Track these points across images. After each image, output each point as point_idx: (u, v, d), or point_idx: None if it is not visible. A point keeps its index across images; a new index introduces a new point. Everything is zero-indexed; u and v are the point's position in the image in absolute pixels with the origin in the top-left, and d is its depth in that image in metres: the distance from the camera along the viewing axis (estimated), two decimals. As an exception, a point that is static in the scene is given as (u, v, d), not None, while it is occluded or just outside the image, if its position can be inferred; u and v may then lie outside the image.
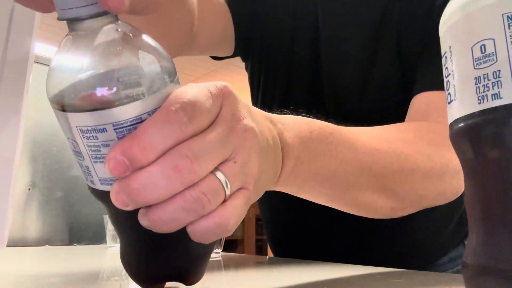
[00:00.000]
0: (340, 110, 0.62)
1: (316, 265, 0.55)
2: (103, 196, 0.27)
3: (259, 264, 0.64)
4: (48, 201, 1.15)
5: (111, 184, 0.26)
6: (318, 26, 0.66)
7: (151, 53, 0.26)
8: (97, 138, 0.25)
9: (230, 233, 0.28)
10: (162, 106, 0.25)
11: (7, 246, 0.29)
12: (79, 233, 1.18)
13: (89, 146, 0.25)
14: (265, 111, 0.36)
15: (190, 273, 0.30)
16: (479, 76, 0.19)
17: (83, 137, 0.25)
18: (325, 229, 0.64)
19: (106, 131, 0.25)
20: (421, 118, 0.51)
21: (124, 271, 0.48)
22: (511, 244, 0.18)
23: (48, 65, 0.26)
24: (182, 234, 0.26)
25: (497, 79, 0.19)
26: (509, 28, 0.18)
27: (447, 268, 0.64)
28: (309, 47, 0.66)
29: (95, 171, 0.26)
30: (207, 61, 3.76)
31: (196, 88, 0.27)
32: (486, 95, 0.19)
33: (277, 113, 0.38)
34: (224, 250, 0.77)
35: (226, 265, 0.58)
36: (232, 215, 0.27)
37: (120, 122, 0.25)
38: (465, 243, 0.66)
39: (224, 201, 0.27)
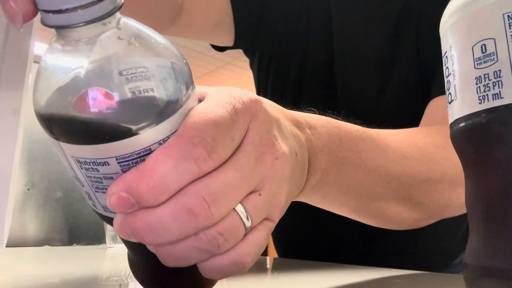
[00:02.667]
0: (355, 114, 0.60)
1: (319, 266, 0.55)
2: (107, 220, 0.24)
3: (259, 265, 0.64)
4: (47, 201, 1.15)
5: (115, 212, 0.22)
6: (331, 29, 0.64)
7: (163, 66, 0.21)
8: (98, 171, 0.21)
9: (246, 270, 0.24)
10: (177, 136, 0.21)
11: (6, 246, 0.29)
12: (79, 233, 1.18)
13: (88, 176, 0.22)
14: None
15: (203, 283, 0.28)
16: (480, 76, 0.19)
17: (81, 168, 0.22)
18: (335, 230, 0.63)
19: (108, 164, 0.21)
20: (439, 122, 0.49)
21: (123, 272, 0.48)
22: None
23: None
24: None
25: (498, 79, 0.19)
26: (509, 28, 0.18)
27: (459, 270, 0.63)
28: (322, 50, 0.64)
29: (97, 199, 0.23)
30: (207, 61, 3.76)
31: (218, 105, 0.23)
32: (487, 95, 0.19)
33: (304, 112, 0.35)
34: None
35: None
36: (252, 250, 0.24)
37: (125, 156, 0.21)
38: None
39: (244, 234, 0.24)
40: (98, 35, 0.20)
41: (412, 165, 0.41)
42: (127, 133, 0.20)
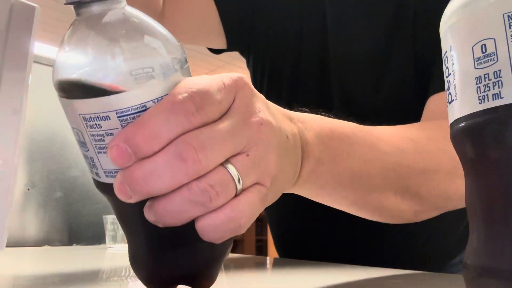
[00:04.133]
0: (351, 111, 0.60)
1: (318, 266, 0.55)
2: (108, 189, 0.26)
3: (259, 265, 0.64)
4: (47, 201, 1.15)
5: (115, 176, 0.25)
6: (326, 27, 0.63)
7: (159, 39, 0.25)
8: (100, 127, 0.25)
9: (243, 231, 0.26)
10: (169, 94, 0.24)
11: (6, 246, 0.29)
12: (79, 233, 1.18)
13: (92, 135, 0.25)
14: None
15: (202, 277, 0.28)
16: (480, 76, 0.19)
17: (87, 126, 0.25)
18: (335, 230, 0.63)
19: (109, 118, 0.24)
20: (438, 118, 0.49)
21: (123, 272, 0.48)
22: (512, 244, 0.18)
23: (48, 65, 0.26)
24: (193, 234, 0.25)
25: (498, 79, 0.19)
26: (509, 28, 0.18)
27: (459, 270, 0.63)
28: (317, 49, 0.64)
29: (99, 162, 0.26)
30: (207, 61, 3.76)
31: (208, 78, 0.26)
32: (487, 94, 0.19)
33: (296, 111, 0.36)
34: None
35: (226, 265, 0.58)
36: (245, 209, 0.25)
37: (124, 110, 0.24)
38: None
39: (237, 195, 0.26)
40: (107, 11, 0.25)
41: (407, 156, 0.41)
42: (125, 87, 0.24)
